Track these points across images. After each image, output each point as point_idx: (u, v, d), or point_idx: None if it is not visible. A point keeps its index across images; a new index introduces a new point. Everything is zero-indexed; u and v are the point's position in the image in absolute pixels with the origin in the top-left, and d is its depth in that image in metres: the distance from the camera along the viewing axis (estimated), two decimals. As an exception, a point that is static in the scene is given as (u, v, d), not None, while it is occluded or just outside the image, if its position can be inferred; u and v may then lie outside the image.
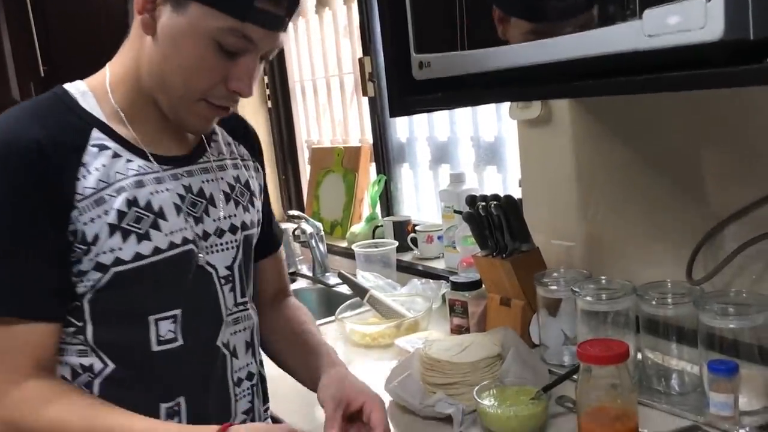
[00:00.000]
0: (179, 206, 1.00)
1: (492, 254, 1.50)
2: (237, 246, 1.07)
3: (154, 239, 0.96)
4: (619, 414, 1.02)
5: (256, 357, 1.13)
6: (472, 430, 1.17)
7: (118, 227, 0.94)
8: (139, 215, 0.96)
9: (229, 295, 1.06)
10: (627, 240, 1.46)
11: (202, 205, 1.03)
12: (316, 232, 2.33)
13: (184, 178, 1.02)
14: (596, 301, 1.27)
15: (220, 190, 1.06)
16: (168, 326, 0.99)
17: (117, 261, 0.94)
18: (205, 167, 1.06)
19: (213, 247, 1.04)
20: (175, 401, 1.00)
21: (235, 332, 1.08)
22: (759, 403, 1.12)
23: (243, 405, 1.09)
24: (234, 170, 1.11)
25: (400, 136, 2.40)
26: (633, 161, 1.42)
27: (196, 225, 1.02)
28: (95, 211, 0.93)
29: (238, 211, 1.08)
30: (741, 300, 1.15)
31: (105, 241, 0.93)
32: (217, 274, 1.05)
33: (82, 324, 0.97)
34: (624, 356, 1.00)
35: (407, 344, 1.53)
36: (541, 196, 1.63)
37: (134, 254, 0.95)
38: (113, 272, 0.94)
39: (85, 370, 0.97)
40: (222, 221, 1.05)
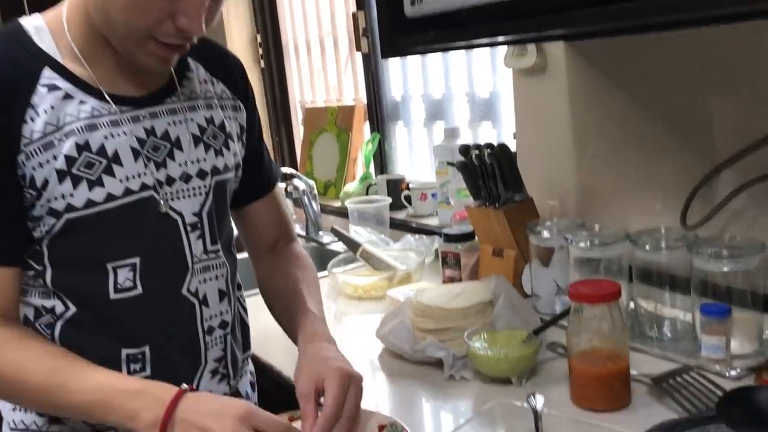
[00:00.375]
0: (137, 150, 0.95)
1: (485, 204, 1.48)
2: (206, 192, 1.02)
3: (108, 185, 0.92)
4: (611, 354, 1.01)
5: (232, 305, 1.08)
6: (463, 373, 1.16)
7: (68, 173, 0.90)
8: (91, 160, 0.91)
9: (197, 242, 1.01)
10: (621, 189, 1.45)
11: (166, 149, 0.98)
12: (308, 189, 2.31)
13: (146, 120, 0.97)
14: (589, 248, 1.26)
15: (189, 132, 1.00)
16: (126, 274, 0.95)
17: (69, 207, 0.91)
18: (173, 108, 1.00)
19: (179, 192, 0.99)
20: (140, 349, 0.98)
21: (205, 280, 1.02)
22: (750, 347, 1.12)
23: (215, 353, 1.05)
24: (207, 111, 1.04)
25: (394, 95, 2.37)
26: (628, 108, 1.40)
27: (158, 170, 0.96)
28: (43, 156, 0.89)
29: (208, 155, 1.02)
30: (735, 244, 1.14)
31: (55, 187, 0.90)
32: (184, 221, 0.99)
33: (42, 268, 0.95)
34: (615, 295, 0.99)
35: (399, 295, 1.52)
36: (535, 147, 1.61)
37: (86, 201, 0.91)
38: (66, 219, 0.91)
39: (47, 311, 0.96)
40: (189, 166, 1.00)
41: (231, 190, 1.09)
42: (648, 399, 1.03)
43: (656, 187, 1.38)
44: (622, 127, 1.42)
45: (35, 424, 1.01)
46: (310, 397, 0.91)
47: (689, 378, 1.02)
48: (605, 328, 1.00)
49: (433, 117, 2.23)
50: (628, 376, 1.02)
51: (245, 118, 1.11)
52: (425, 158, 2.29)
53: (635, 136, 1.40)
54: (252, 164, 1.14)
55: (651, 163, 1.38)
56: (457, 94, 2.12)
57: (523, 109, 1.63)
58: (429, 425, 1.09)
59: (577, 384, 1.03)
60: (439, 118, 2.20)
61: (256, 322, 1.21)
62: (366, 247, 1.81)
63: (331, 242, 2.23)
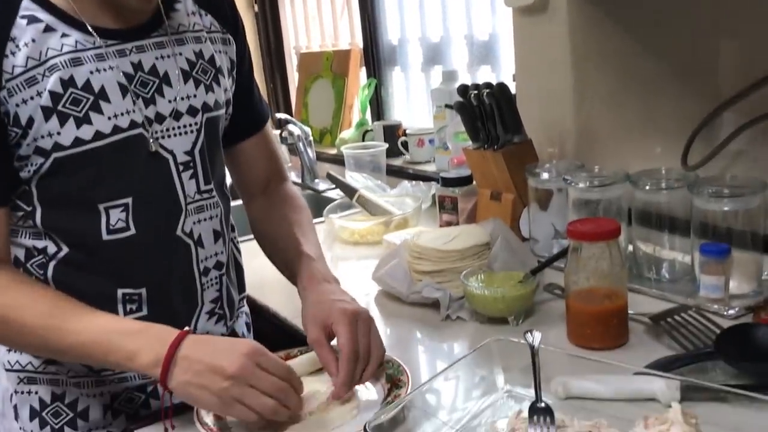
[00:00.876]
0: (125, 86, 0.91)
1: (483, 147, 1.46)
2: (198, 129, 0.98)
3: (96, 123, 0.89)
4: (609, 293, 1.00)
5: (226, 245, 1.06)
6: (460, 313, 1.15)
7: (54, 110, 0.87)
8: (77, 97, 0.88)
9: (190, 182, 0.98)
10: (621, 131, 1.43)
11: (155, 85, 0.94)
12: (304, 136, 2.28)
13: (133, 54, 0.93)
14: (588, 189, 1.24)
15: (178, 67, 0.96)
16: (118, 215, 0.93)
17: (56, 146, 0.88)
18: (161, 41, 0.96)
19: (169, 130, 0.95)
20: (137, 290, 0.96)
21: (200, 221, 1.00)
22: (749, 287, 1.11)
23: (210, 294, 1.04)
24: (196, 44, 1.00)
25: (391, 38, 2.32)
26: (629, 49, 1.37)
27: (147, 107, 0.93)
28: (27, 92, 0.86)
29: (198, 90, 0.99)
30: (736, 183, 1.13)
31: (41, 124, 0.87)
32: (175, 160, 0.96)
33: (31, 208, 0.93)
34: (614, 233, 0.98)
35: (396, 239, 1.51)
36: (535, 89, 1.57)
37: (74, 139, 0.88)
38: (54, 158, 0.89)
39: (39, 252, 0.95)
40: (179, 102, 0.96)
41: (222, 127, 1.06)
42: (646, 337, 1.02)
43: (657, 129, 1.36)
44: (623, 68, 1.39)
45: (31, 365, 1.00)
46: (323, 341, 0.92)
47: (687, 317, 1.02)
48: (604, 266, 0.99)
49: (430, 61, 2.19)
50: (626, 315, 1.02)
51: (235, 52, 1.07)
52: (422, 104, 2.25)
53: (636, 78, 1.37)
54: (243, 100, 1.11)
55: (652, 105, 1.36)
56: (455, 36, 2.07)
57: (522, 51, 1.60)
58: (426, 364, 1.09)
59: (574, 323, 1.03)
60: (437, 63, 2.16)
61: (251, 264, 1.20)
62: (363, 192, 1.79)
63: (327, 189, 2.21)
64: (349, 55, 2.47)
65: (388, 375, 0.94)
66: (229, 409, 0.82)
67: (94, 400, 1.01)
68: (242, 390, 0.81)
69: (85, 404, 1.01)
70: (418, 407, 0.82)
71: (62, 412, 1.00)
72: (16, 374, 1.01)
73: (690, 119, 1.27)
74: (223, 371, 0.81)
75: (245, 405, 0.81)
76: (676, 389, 0.81)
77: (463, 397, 0.88)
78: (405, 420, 0.79)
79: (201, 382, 0.82)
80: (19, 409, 1.01)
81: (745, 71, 1.18)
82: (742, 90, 1.19)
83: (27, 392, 1.01)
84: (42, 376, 1.00)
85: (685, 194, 1.15)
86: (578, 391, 0.85)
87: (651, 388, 0.82)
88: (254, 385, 0.82)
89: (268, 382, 0.83)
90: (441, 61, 2.14)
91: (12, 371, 1.01)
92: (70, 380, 1.00)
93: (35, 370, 1.00)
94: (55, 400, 1.00)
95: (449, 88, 1.85)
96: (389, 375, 0.94)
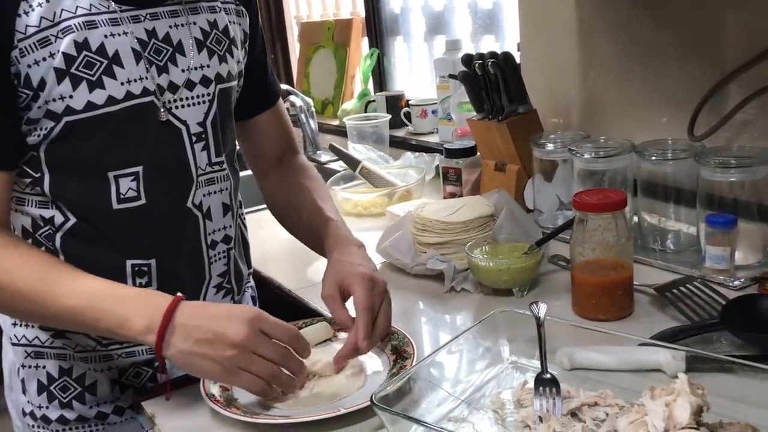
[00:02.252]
0: (138, 52, 0.90)
1: (488, 117, 1.45)
2: (210, 100, 0.97)
3: (109, 88, 0.88)
4: (614, 264, 1.00)
5: (234, 220, 1.06)
6: (464, 285, 1.15)
7: (67, 73, 0.86)
8: (91, 60, 0.87)
9: (202, 153, 0.97)
10: (628, 101, 1.41)
11: (168, 53, 0.93)
12: (306, 107, 2.26)
13: (147, 21, 0.92)
14: (594, 159, 1.23)
15: (191, 36, 0.95)
16: (128, 184, 0.92)
17: (68, 110, 0.87)
18: (175, 10, 0.95)
19: (182, 100, 0.94)
20: (146, 261, 0.96)
21: (210, 193, 1.00)
22: (754, 258, 1.11)
23: (218, 268, 1.03)
24: (210, 14, 0.98)
25: (393, 7, 2.28)
26: (635, 17, 1.34)
27: (159, 75, 0.92)
28: (39, 53, 0.85)
29: (212, 61, 0.97)
30: (743, 153, 1.12)
31: (53, 87, 0.86)
32: (188, 131, 0.96)
33: (39, 175, 0.92)
34: (621, 204, 0.97)
35: (399, 211, 1.50)
36: (540, 58, 1.55)
37: (86, 103, 0.87)
38: (65, 122, 0.87)
39: (45, 222, 0.94)
40: (192, 72, 0.95)
41: (234, 99, 1.05)
42: (651, 308, 1.02)
43: (663, 99, 1.34)
44: (629, 37, 1.37)
45: (38, 339, 1.00)
46: (336, 296, 0.92)
47: (692, 287, 1.01)
48: (610, 238, 0.99)
49: (433, 30, 2.16)
50: (631, 286, 1.01)
51: (248, 24, 1.07)
52: (425, 74, 2.23)
53: (642, 47, 1.35)
54: (257, 74, 1.10)
55: (658, 75, 1.34)
56: (458, 5, 2.04)
57: (528, 19, 1.57)
58: (431, 336, 1.09)
59: (579, 294, 1.03)
60: (440, 32, 2.13)
61: (254, 236, 1.19)
62: (366, 164, 1.78)
63: (329, 161, 2.20)
64: (350, 24, 2.44)
65: (393, 346, 0.94)
66: (234, 379, 0.81)
67: (101, 375, 1.01)
68: (247, 358, 0.79)
69: (92, 379, 1.01)
70: (424, 378, 0.82)
71: (70, 386, 1.01)
72: (22, 348, 1.01)
73: (697, 89, 1.25)
74: (228, 339, 0.79)
75: (252, 373, 0.80)
76: (681, 360, 0.81)
77: (468, 369, 0.88)
78: (411, 391, 0.79)
79: (203, 351, 0.79)
80: (27, 383, 1.02)
81: (752, 41, 1.16)
82: (749, 60, 1.17)
83: (34, 366, 1.01)
84: (49, 351, 1.00)
85: (691, 165, 1.14)
86: (583, 362, 0.85)
87: (656, 359, 0.82)
88: (260, 353, 0.80)
89: (273, 349, 0.81)
90: (444, 31, 2.11)
91: (18, 345, 1.02)
92: (77, 355, 1.00)
93: (42, 344, 1.00)
94: (63, 374, 1.01)
95: (452, 57, 1.83)
96: (394, 346, 0.94)
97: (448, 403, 0.81)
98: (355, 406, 0.81)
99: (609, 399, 0.77)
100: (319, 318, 1.05)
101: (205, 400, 0.86)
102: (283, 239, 1.22)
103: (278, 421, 0.82)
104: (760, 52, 1.15)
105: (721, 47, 1.22)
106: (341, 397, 0.86)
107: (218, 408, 0.84)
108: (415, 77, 2.30)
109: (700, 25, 1.25)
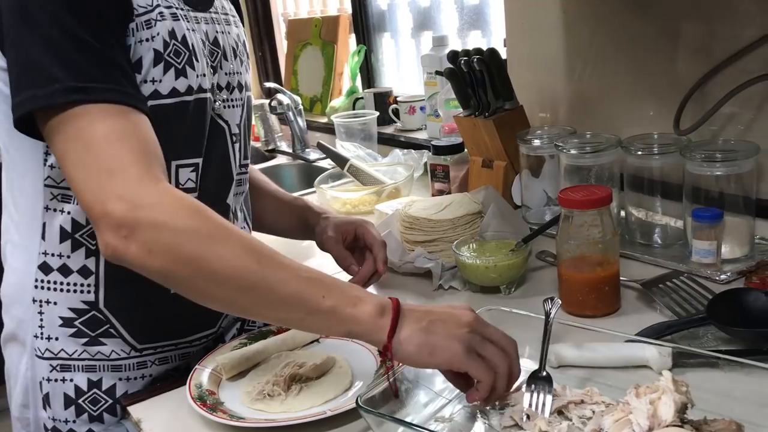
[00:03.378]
0: (202, 51, 0.93)
1: (474, 114, 1.44)
2: (242, 105, 1.03)
3: (189, 78, 0.90)
4: (601, 261, 1.00)
5: (248, 223, 1.10)
6: (452, 283, 1.15)
7: (162, 57, 0.87)
8: (178, 49, 0.89)
9: (239, 155, 1.02)
10: (614, 96, 1.41)
11: (218, 56, 0.97)
12: (294, 105, 2.26)
13: (203, 24, 0.95)
14: (580, 155, 1.23)
15: (229, 44, 1.00)
16: (188, 174, 0.94)
17: (155, 94, 0.87)
18: (216, 18, 0.99)
19: (227, 101, 0.99)
20: None
21: (237, 194, 1.04)
22: (741, 252, 1.11)
23: None
24: (235, 27, 1.04)
25: (380, 3, 2.28)
26: (621, 12, 1.34)
27: (214, 74, 0.96)
28: (145, 33, 0.86)
29: (242, 68, 1.03)
30: (729, 147, 1.12)
31: (149, 69, 0.86)
32: (230, 131, 1.00)
33: None
34: (606, 200, 0.97)
35: (388, 209, 1.50)
36: (526, 53, 1.55)
37: (171, 89, 0.88)
38: (149, 105, 0.86)
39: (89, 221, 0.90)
40: (232, 76, 1.00)
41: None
42: (638, 304, 1.02)
43: (649, 93, 1.34)
44: (614, 31, 1.37)
45: (64, 352, 0.95)
46: (339, 240, 1.10)
47: (679, 282, 1.02)
48: (596, 234, 0.98)
49: (420, 26, 2.15)
50: (618, 282, 1.01)
51: None
52: (413, 70, 2.23)
53: (628, 42, 1.35)
54: None
55: (644, 69, 1.34)
56: (445, 1, 2.03)
57: (513, 14, 1.57)
58: (418, 335, 1.09)
59: (566, 291, 1.02)
60: (427, 28, 2.12)
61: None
62: (354, 162, 1.78)
63: (318, 159, 2.19)
64: (337, 21, 2.43)
65: (380, 346, 0.93)
66: (472, 362, 0.74)
67: (133, 384, 0.98)
68: (482, 341, 0.75)
69: (123, 389, 0.97)
70: (411, 379, 0.82)
71: (100, 399, 0.97)
72: (47, 362, 0.96)
73: (682, 82, 1.25)
74: (460, 319, 0.75)
75: (486, 359, 0.74)
76: (668, 356, 0.81)
77: (455, 368, 0.87)
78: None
79: (440, 329, 0.74)
80: (51, 397, 0.97)
81: (737, 34, 1.16)
82: (734, 53, 1.17)
83: (61, 380, 0.96)
84: (77, 363, 0.96)
85: (677, 159, 1.14)
86: (570, 360, 0.85)
87: (643, 355, 0.82)
88: (487, 335, 0.76)
89: (499, 335, 0.77)
90: (431, 27, 2.11)
91: (43, 359, 0.96)
92: (108, 364, 0.96)
93: (69, 356, 0.96)
94: (92, 386, 0.96)
95: (439, 54, 1.83)
96: (381, 346, 0.93)
97: (435, 403, 0.81)
98: (341, 409, 0.81)
99: (595, 397, 0.77)
100: (307, 319, 1.05)
101: (191, 404, 0.85)
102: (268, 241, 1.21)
103: (265, 425, 0.81)
104: (744, 45, 1.15)
105: (706, 40, 1.22)
106: (328, 400, 0.86)
107: (204, 412, 0.83)
108: (403, 74, 2.29)
109: (685, 18, 1.25)
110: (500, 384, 0.75)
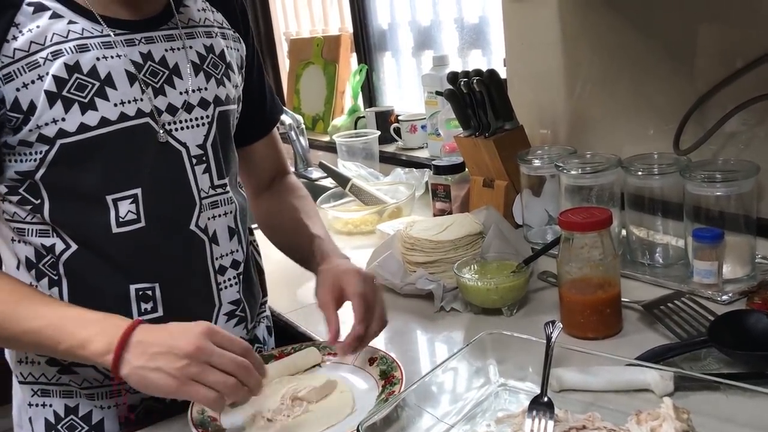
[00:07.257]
0: (133, 74, 0.91)
1: (475, 134, 1.45)
2: (210, 123, 0.97)
3: (101, 109, 0.88)
4: (602, 282, 1.00)
5: (242, 244, 1.04)
6: (453, 305, 1.15)
7: (58, 95, 0.86)
8: (82, 82, 0.87)
9: (203, 176, 0.97)
10: (614, 115, 1.41)
11: (164, 75, 0.94)
12: (296, 124, 2.27)
13: (142, 45, 0.93)
14: (581, 175, 1.24)
15: (188, 59, 0.96)
16: (128, 207, 0.91)
17: (61, 132, 0.87)
18: (171, 34, 0.96)
19: (181, 122, 0.94)
20: (150, 285, 0.94)
21: (214, 217, 0.98)
22: (742, 271, 1.11)
23: (229, 295, 1.01)
24: (206, 39, 1.00)
25: (381, 23, 2.29)
26: (621, 32, 1.35)
27: (156, 97, 0.92)
28: (28, 76, 0.85)
29: (210, 84, 0.98)
30: (729, 167, 1.12)
31: (44, 110, 0.86)
32: (188, 153, 0.95)
33: (39, 201, 0.91)
34: (606, 222, 0.97)
35: (389, 229, 1.50)
36: (526, 73, 1.56)
37: (79, 125, 0.87)
38: (60, 145, 0.87)
39: (47, 251, 0.93)
40: (190, 94, 0.95)
41: (234, 124, 1.06)
42: (640, 325, 1.02)
43: (649, 112, 1.35)
44: (614, 51, 1.37)
45: (44, 377, 0.98)
46: (330, 305, 0.95)
47: (680, 303, 1.01)
48: (596, 256, 0.99)
49: (421, 46, 2.16)
50: (620, 304, 1.01)
51: (245, 53, 1.07)
52: (414, 89, 2.24)
53: (628, 61, 1.35)
54: (255, 102, 1.11)
55: (644, 88, 1.34)
56: (445, 20, 2.05)
57: (512, 33, 1.58)
58: (420, 357, 1.09)
59: (568, 312, 1.02)
60: (428, 47, 2.14)
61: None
62: (355, 181, 1.78)
63: (320, 178, 2.20)
64: (339, 40, 2.45)
65: (381, 371, 0.94)
66: (187, 390, 0.79)
67: (108, 412, 0.99)
68: (200, 368, 0.78)
69: (99, 416, 0.98)
70: (412, 405, 0.81)
71: (77, 425, 0.98)
72: (29, 386, 0.99)
73: (682, 102, 1.26)
74: (180, 350, 0.79)
75: (204, 384, 0.78)
76: (669, 380, 0.81)
77: (457, 392, 0.87)
78: (399, 418, 0.79)
79: (156, 365, 0.79)
80: (34, 422, 0.99)
81: (737, 54, 1.17)
82: (733, 72, 1.17)
83: (42, 405, 0.98)
84: (55, 388, 0.98)
85: (677, 179, 1.14)
86: (572, 384, 0.85)
87: (645, 379, 0.82)
88: (212, 363, 0.79)
89: (227, 359, 0.80)
90: (431, 46, 2.12)
91: (25, 383, 0.99)
92: (82, 392, 0.98)
93: (48, 381, 0.98)
94: (69, 413, 0.98)
95: (440, 73, 1.84)
96: (383, 371, 0.93)
97: (437, 429, 0.81)
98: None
99: (597, 422, 0.76)
100: (309, 343, 1.05)
101: (192, 431, 0.85)
102: (274, 261, 1.22)
103: (266, 451, 0.81)
104: (744, 64, 1.16)
105: (706, 59, 1.23)
106: (330, 425, 0.85)
107: (206, 439, 0.83)
108: (404, 92, 2.30)
109: (683, 38, 1.25)
110: (233, 397, 0.81)
